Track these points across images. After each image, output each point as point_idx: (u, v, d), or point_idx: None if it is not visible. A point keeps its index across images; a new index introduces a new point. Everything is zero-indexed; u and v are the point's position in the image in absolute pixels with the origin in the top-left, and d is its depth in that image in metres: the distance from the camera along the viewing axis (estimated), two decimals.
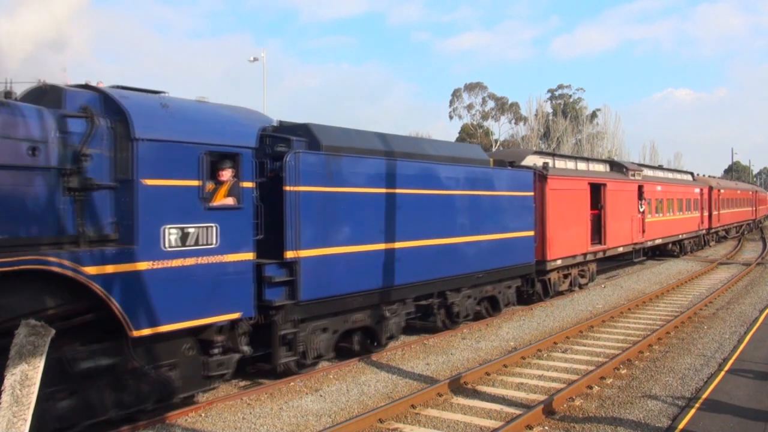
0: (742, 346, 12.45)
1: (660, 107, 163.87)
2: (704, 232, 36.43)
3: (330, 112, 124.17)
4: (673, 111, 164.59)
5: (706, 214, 36.47)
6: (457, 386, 10.15)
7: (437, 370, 11.48)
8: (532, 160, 18.88)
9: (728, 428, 7.95)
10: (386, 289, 12.02)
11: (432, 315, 13.96)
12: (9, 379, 4.28)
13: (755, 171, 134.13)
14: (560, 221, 18.41)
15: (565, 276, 19.68)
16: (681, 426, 8.04)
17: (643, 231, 25.29)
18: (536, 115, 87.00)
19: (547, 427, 8.46)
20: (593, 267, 21.64)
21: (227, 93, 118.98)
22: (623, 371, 11.06)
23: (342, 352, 12.10)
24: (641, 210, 24.97)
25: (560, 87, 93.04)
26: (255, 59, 38.62)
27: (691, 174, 38.77)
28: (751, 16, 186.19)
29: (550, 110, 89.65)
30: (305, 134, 11.01)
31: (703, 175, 43.15)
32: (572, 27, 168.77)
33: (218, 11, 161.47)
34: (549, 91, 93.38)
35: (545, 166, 18.36)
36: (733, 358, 11.55)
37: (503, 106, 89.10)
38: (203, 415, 9.18)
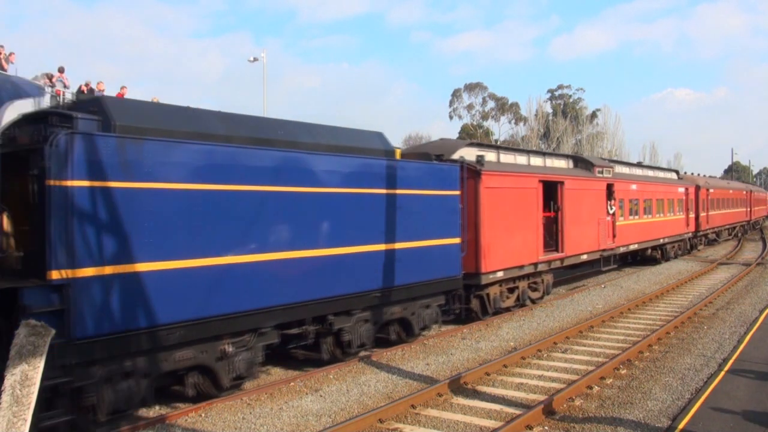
0: (742, 347, 12.44)
1: (660, 107, 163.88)
2: (690, 235, 33.51)
3: (330, 111, 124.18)
4: (673, 111, 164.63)
5: (692, 215, 33.48)
6: (457, 386, 10.15)
7: (437, 370, 11.48)
8: (467, 154, 15.93)
9: (728, 428, 7.95)
10: (226, 316, 9.23)
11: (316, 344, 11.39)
12: (9, 379, 4.28)
13: (755, 171, 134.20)
14: (500, 226, 15.74)
15: (511, 290, 16.98)
16: (681, 426, 8.04)
17: (614, 235, 22.51)
18: (536, 115, 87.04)
19: (547, 427, 8.46)
20: (548, 278, 18.74)
21: (227, 93, 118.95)
22: (623, 371, 11.06)
23: (179, 397, 9.86)
24: (611, 212, 22.22)
25: (560, 87, 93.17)
26: (255, 59, 38.61)
27: (676, 172, 35.89)
28: (751, 16, 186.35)
29: (550, 110, 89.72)
30: (98, 111, 8.40)
31: (694, 174, 41.18)
32: (572, 27, 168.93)
33: (218, 11, 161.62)
34: (549, 91, 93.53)
35: (479, 159, 15.34)
36: (733, 358, 11.55)
37: (503, 107, 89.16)
38: (203, 415, 9.18)
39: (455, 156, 15.38)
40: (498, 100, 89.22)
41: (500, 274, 15.78)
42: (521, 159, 18.82)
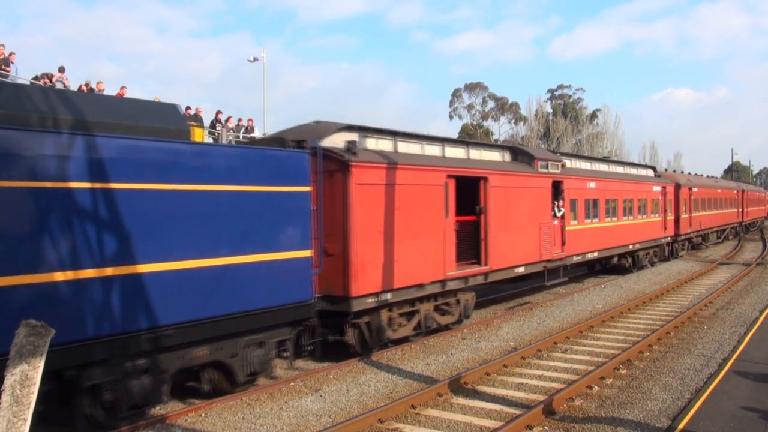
0: (742, 347, 12.44)
1: (660, 107, 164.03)
2: (669, 239, 29.87)
3: (330, 111, 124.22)
4: (672, 111, 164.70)
5: (671, 217, 29.71)
6: (457, 386, 10.16)
7: (437, 370, 11.48)
8: (342, 140, 12.16)
9: (728, 428, 7.95)
10: None
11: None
12: (9, 379, 4.27)
13: (755, 171, 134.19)
14: (383, 234, 12.16)
15: (409, 315, 13.28)
16: (681, 426, 8.04)
17: (563, 243, 18.88)
18: (536, 115, 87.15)
19: (547, 427, 8.46)
20: (467, 298, 15.03)
21: (227, 92, 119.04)
22: (623, 371, 11.06)
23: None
24: (558, 214, 18.66)
25: (560, 87, 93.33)
26: (255, 59, 38.57)
27: (653, 168, 31.52)
28: (751, 16, 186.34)
29: (550, 110, 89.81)
30: None
31: (677, 171, 39.02)
32: (572, 27, 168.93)
33: (218, 11, 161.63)
34: (549, 91, 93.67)
35: (349, 147, 11.68)
36: (733, 358, 11.54)
37: (503, 106, 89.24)
38: (203, 415, 9.18)
39: (325, 143, 11.74)
40: (498, 100, 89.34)
41: (386, 297, 12.18)
42: (431, 149, 14.68)
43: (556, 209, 18.54)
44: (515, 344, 13.51)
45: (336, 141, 12.12)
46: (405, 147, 13.92)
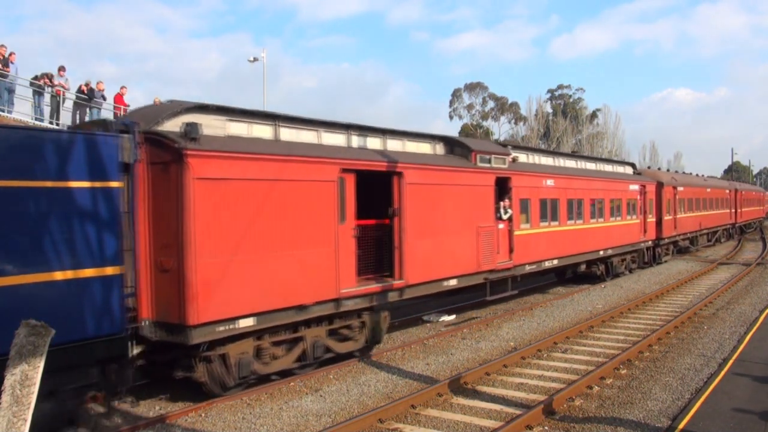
0: (742, 347, 12.44)
1: (660, 107, 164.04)
2: (651, 243, 27.19)
3: (329, 111, 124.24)
4: (673, 111, 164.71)
5: (652, 219, 26.90)
6: (457, 386, 10.15)
7: (437, 370, 11.48)
8: (204, 124, 9.35)
9: (728, 428, 7.95)
10: None
11: None
12: (9, 379, 4.28)
13: (755, 171, 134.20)
14: (243, 243, 9.45)
15: (290, 343, 10.69)
16: (681, 426, 8.04)
17: (511, 250, 16.26)
18: (536, 115, 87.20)
19: (547, 427, 8.46)
20: (377, 319, 12.39)
21: (226, 92, 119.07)
22: (623, 371, 11.06)
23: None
24: (504, 216, 16.05)
25: (560, 87, 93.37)
26: (255, 59, 38.59)
27: (632, 165, 28.31)
28: (751, 16, 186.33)
29: (550, 110, 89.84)
30: None
31: (661, 169, 37.07)
32: (572, 27, 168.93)
33: (217, 11, 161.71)
34: (549, 91, 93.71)
35: (187, 130, 8.88)
36: (733, 358, 11.54)
37: (503, 106, 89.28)
38: (203, 415, 9.18)
39: (167, 126, 9.26)
40: (498, 100, 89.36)
41: (247, 323, 9.49)
42: (333, 138, 11.99)
43: (501, 211, 15.92)
44: (515, 344, 13.51)
45: (173, 126, 9.37)
46: (292, 135, 11.15)
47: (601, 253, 21.86)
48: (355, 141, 12.53)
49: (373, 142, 12.99)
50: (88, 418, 8.42)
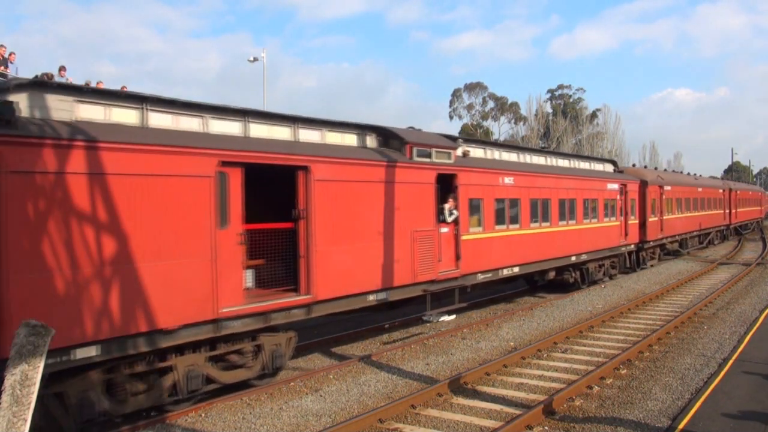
0: (742, 347, 12.44)
1: (660, 107, 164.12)
2: (633, 247, 25.13)
3: (329, 111, 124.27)
4: (673, 111, 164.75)
5: (634, 220, 24.93)
6: (457, 386, 10.15)
7: (437, 370, 11.47)
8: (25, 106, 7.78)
9: (728, 428, 7.95)
10: None
11: None
12: (9, 379, 4.28)
13: (755, 171, 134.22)
14: (71, 253, 7.68)
15: (158, 373, 8.98)
16: (681, 426, 8.04)
17: (457, 256, 14.25)
18: (536, 115, 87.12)
19: (547, 427, 8.46)
20: (280, 341, 10.63)
21: (226, 92, 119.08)
22: (623, 371, 11.05)
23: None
24: (449, 218, 14.08)
25: (560, 87, 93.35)
26: (255, 59, 38.56)
27: (613, 163, 26.21)
28: (751, 16, 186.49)
29: (550, 110, 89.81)
30: None
31: (648, 168, 34.28)
32: (572, 27, 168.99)
33: (217, 11, 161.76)
34: (549, 91, 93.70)
35: None
36: (733, 358, 11.54)
37: (503, 106, 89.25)
38: (203, 415, 9.18)
39: None
40: (498, 100, 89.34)
41: (84, 353, 7.75)
42: (226, 127, 10.10)
43: (446, 212, 14.02)
44: (515, 344, 13.51)
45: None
46: (167, 121, 9.32)
47: (573, 258, 19.81)
48: (257, 130, 10.55)
49: (280, 132, 10.95)
50: None
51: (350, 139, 12.45)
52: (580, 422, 8.56)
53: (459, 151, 14.80)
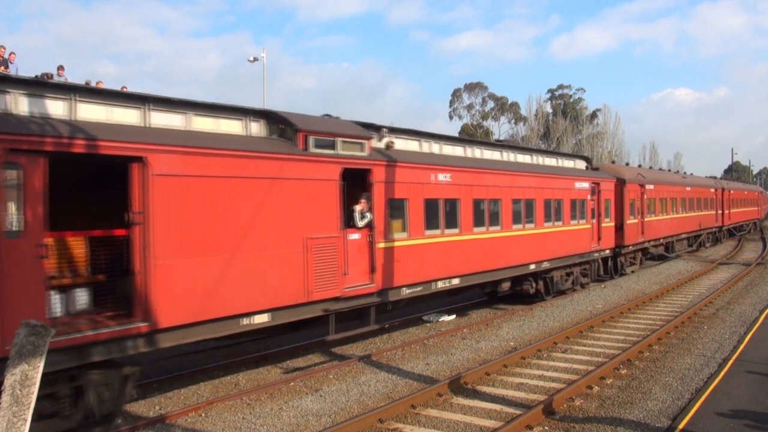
0: (742, 347, 12.44)
1: (660, 107, 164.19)
2: (608, 253, 22.84)
3: (329, 111, 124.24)
4: (673, 111, 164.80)
5: (609, 223, 22.60)
6: (457, 386, 10.15)
7: (437, 370, 11.47)
8: None
9: (728, 429, 7.95)
10: None
11: None
12: (9, 379, 4.28)
13: (755, 171, 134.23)
14: None
15: None
16: (681, 426, 8.04)
17: (372, 268, 12.01)
18: (536, 115, 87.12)
19: (547, 427, 8.46)
20: (113, 381, 8.43)
21: (225, 92, 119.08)
22: (623, 371, 11.05)
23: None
24: (360, 223, 11.90)
25: (560, 87, 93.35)
26: (255, 59, 38.56)
27: (585, 159, 23.62)
28: (751, 16, 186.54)
29: (550, 110, 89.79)
30: None
31: (636, 165, 32.67)
32: (572, 26, 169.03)
33: (218, 11, 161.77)
34: (549, 91, 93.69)
35: None
36: (733, 358, 11.54)
37: (503, 106, 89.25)
38: (203, 415, 9.18)
39: None
40: (498, 100, 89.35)
41: None
42: (48, 107, 8.13)
43: (356, 215, 11.92)
44: (515, 344, 13.51)
45: None
46: None
47: (533, 267, 17.51)
48: (89, 112, 8.49)
49: (125, 115, 8.93)
50: None
51: (230, 126, 10.26)
52: (580, 422, 8.56)
53: (382, 143, 12.92)
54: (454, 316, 16.50)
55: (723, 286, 21.18)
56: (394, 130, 13.76)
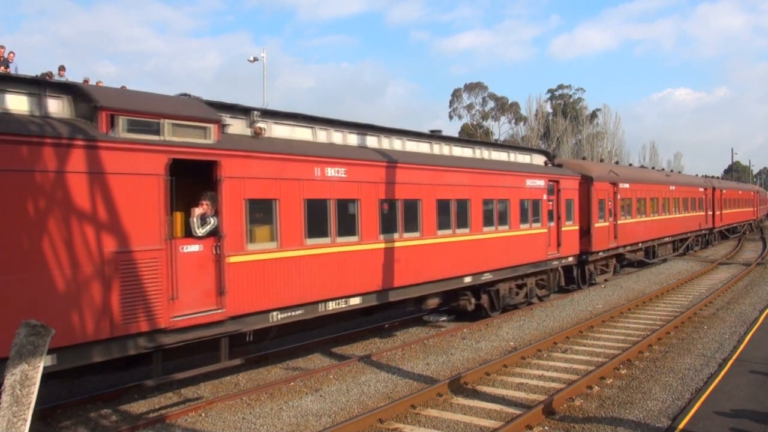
0: (742, 347, 12.44)
1: (660, 107, 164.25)
2: (572, 260, 20.00)
3: (328, 110, 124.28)
4: (673, 111, 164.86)
5: (572, 227, 19.78)
6: (457, 386, 10.15)
7: (437, 370, 11.47)
8: None
9: (728, 429, 7.95)
10: None
11: None
12: (9, 379, 4.28)
13: (755, 171, 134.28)
14: None
15: None
16: (681, 426, 8.03)
17: (220, 290, 9.41)
18: (536, 115, 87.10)
19: (547, 427, 8.46)
20: None
21: (225, 91, 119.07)
22: (623, 371, 11.05)
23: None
24: (200, 231, 9.44)
25: (560, 87, 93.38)
26: (255, 59, 38.56)
27: (545, 154, 20.80)
28: (751, 16, 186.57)
29: (550, 110, 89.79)
30: None
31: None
32: (572, 26, 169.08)
33: (218, 10, 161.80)
34: (549, 91, 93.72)
35: None
36: (733, 358, 11.54)
37: (503, 106, 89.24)
38: (203, 415, 9.18)
39: None
40: (498, 99, 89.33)
41: None
42: None
43: (195, 222, 9.42)
44: (515, 344, 13.50)
45: None
46: None
47: (469, 279, 14.87)
48: None
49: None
50: None
51: (17, 103, 7.98)
52: (580, 422, 8.56)
53: (243, 128, 10.48)
54: (453, 316, 16.45)
55: (723, 286, 21.17)
56: (271, 114, 11.23)
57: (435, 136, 15.65)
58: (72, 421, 8.99)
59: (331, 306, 11.43)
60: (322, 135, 12.16)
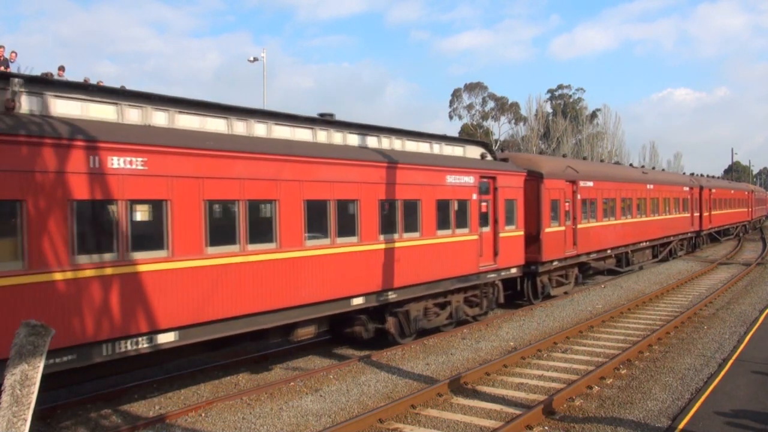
0: (742, 347, 12.44)
1: (660, 107, 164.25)
2: (516, 272, 16.93)
3: (328, 110, 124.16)
4: (672, 111, 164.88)
5: (515, 232, 16.67)
6: (457, 386, 10.15)
7: (437, 370, 11.47)
8: None
9: (728, 428, 7.95)
10: None
11: None
12: (9, 379, 4.27)
13: (755, 171, 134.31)
14: None
15: None
16: (681, 426, 8.03)
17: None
18: (536, 115, 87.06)
19: (547, 427, 8.46)
20: None
21: (224, 91, 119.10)
22: (623, 371, 11.05)
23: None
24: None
25: (560, 87, 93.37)
26: (255, 59, 38.55)
27: (483, 145, 17.11)
28: (751, 16, 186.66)
29: (550, 110, 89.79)
30: None
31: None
32: (572, 26, 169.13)
33: (217, 10, 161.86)
34: (549, 91, 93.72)
35: None
36: (733, 358, 11.54)
37: (503, 106, 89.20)
38: (203, 415, 9.18)
39: None
40: (498, 100, 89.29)
41: None
42: None
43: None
44: (515, 344, 13.50)
45: None
46: None
47: (359, 301, 11.86)
48: None
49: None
50: None
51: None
52: (580, 422, 8.56)
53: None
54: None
55: (723, 286, 21.17)
56: (45, 83, 8.15)
57: (318, 120, 12.05)
58: (72, 421, 8.98)
59: (128, 347, 8.28)
60: (133, 114, 9.03)
